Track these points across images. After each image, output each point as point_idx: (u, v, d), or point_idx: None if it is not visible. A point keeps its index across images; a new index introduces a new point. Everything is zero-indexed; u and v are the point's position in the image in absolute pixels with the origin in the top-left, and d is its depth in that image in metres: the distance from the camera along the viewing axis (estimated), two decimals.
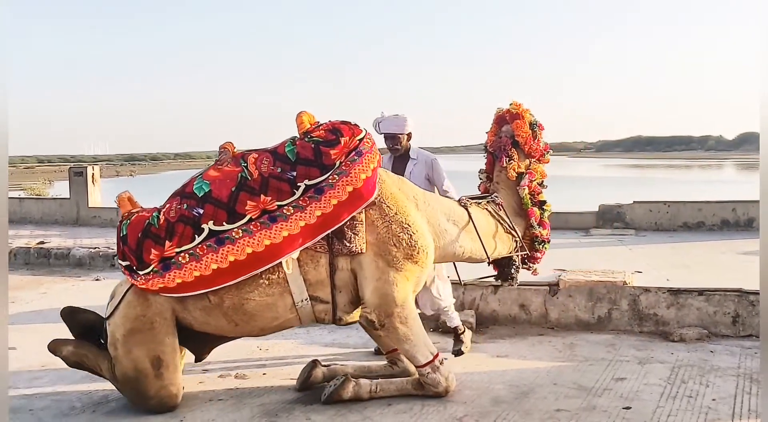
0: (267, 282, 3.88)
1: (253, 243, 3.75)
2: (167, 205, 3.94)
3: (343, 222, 3.90)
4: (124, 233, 3.94)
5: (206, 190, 3.86)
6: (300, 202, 3.81)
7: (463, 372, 4.51)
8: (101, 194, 12.97)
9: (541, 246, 4.77)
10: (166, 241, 3.80)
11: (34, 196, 17.38)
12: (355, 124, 4.10)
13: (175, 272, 3.77)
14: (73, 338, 4.15)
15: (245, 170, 3.88)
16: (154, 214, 3.92)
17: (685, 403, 4.00)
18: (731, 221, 9.55)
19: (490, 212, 4.61)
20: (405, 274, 4.01)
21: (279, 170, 3.85)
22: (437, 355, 4.10)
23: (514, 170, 4.65)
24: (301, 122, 4.07)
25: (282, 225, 3.78)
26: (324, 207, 3.81)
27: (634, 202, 10.14)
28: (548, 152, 4.74)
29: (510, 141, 4.69)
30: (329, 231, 3.89)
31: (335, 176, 3.85)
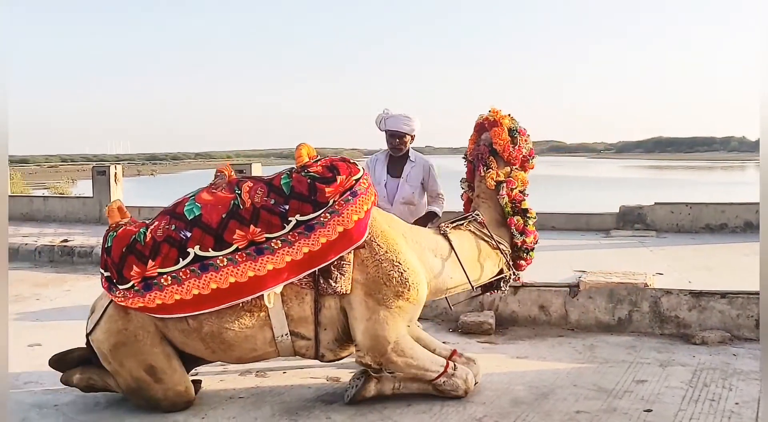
0: (248, 314, 3.85)
1: (236, 273, 3.72)
2: (156, 223, 3.90)
3: (330, 262, 3.85)
4: (109, 245, 3.91)
5: (196, 214, 3.81)
6: (289, 237, 3.75)
7: (483, 373, 4.51)
8: (123, 193, 13.10)
9: (524, 254, 4.52)
10: (150, 260, 3.77)
11: (58, 195, 17.60)
12: (353, 163, 4.04)
13: (156, 293, 3.75)
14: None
15: (238, 198, 3.83)
16: (141, 230, 3.89)
17: (707, 407, 3.97)
18: (755, 223, 9.43)
19: (473, 232, 4.44)
20: (396, 312, 3.93)
21: (272, 202, 3.80)
22: (448, 364, 4.09)
23: (492, 179, 4.45)
24: (299, 155, 3.99)
25: (268, 258, 3.73)
26: (312, 244, 3.75)
27: (655, 203, 10.05)
28: (532, 158, 4.55)
29: (488, 149, 4.51)
30: (315, 269, 3.84)
31: (327, 215, 3.77)
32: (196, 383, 4.21)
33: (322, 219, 3.77)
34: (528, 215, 4.47)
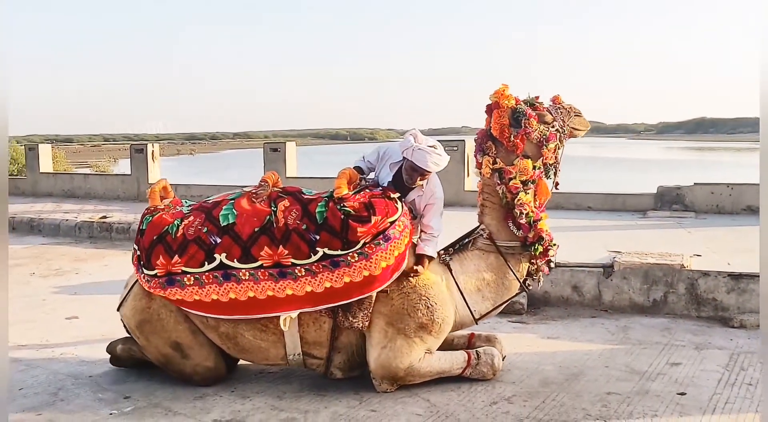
0: (263, 329, 3.88)
1: (256, 289, 3.74)
2: (191, 218, 3.92)
3: (350, 301, 3.81)
4: (144, 227, 4.00)
5: (230, 221, 3.82)
6: (313, 267, 3.71)
7: (513, 352, 4.47)
8: (161, 171, 13.29)
9: (536, 253, 4.09)
10: (176, 255, 3.82)
11: (98, 173, 17.94)
12: (393, 199, 3.85)
13: (177, 289, 3.82)
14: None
15: (273, 214, 3.81)
16: (175, 222, 3.92)
17: (744, 391, 3.88)
18: None
19: (481, 249, 4.13)
20: (416, 342, 3.86)
21: (304, 227, 3.74)
22: (470, 356, 4.04)
23: (488, 166, 4.06)
24: (339, 186, 3.83)
25: (289, 283, 3.72)
26: (335, 281, 3.70)
27: (694, 183, 9.79)
28: (550, 142, 3.98)
29: (486, 134, 4.13)
30: (334, 305, 3.82)
31: (355, 255, 3.68)
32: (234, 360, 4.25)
33: (349, 258, 3.69)
34: (523, 210, 4.01)
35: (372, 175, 4.34)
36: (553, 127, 4.01)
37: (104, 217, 10.39)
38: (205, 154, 75.96)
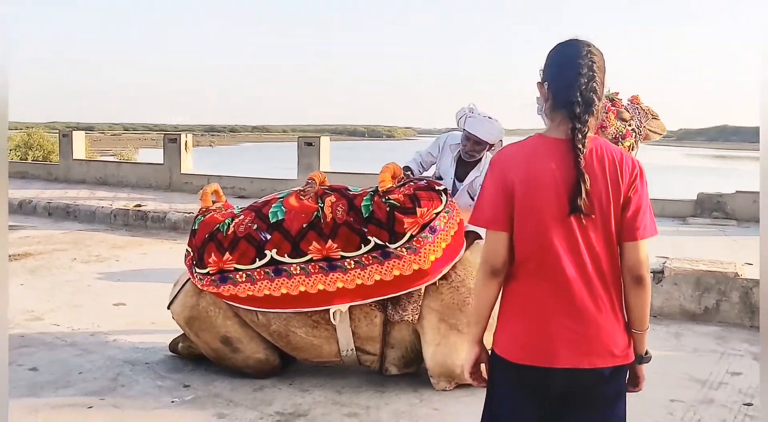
0: (315, 325, 3.86)
1: (307, 283, 3.73)
2: (241, 217, 3.96)
3: (401, 293, 3.78)
4: (195, 227, 4.05)
5: (280, 218, 3.84)
6: (363, 259, 3.70)
7: None
8: (193, 161, 13.33)
9: None
10: (227, 253, 3.84)
11: (131, 162, 18.04)
12: (438, 192, 3.83)
13: (230, 286, 3.84)
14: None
15: (321, 210, 3.82)
16: (226, 220, 3.97)
17: None
18: None
19: None
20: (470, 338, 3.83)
21: (351, 220, 3.76)
22: None
23: None
24: (383, 179, 3.87)
25: (339, 276, 3.71)
26: (384, 274, 3.68)
27: (736, 191, 9.66)
28: (624, 140, 4.02)
29: None
30: (383, 297, 3.79)
31: (404, 250, 3.66)
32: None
33: (399, 251, 3.67)
34: None
35: (431, 171, 4.32)
36: (629, 125, 3.98)
37: (138, 206, 10.43)
38: (225, 146, 76.34)
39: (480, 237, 4.09)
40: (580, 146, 1.83)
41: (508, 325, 1.95)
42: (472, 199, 4.14)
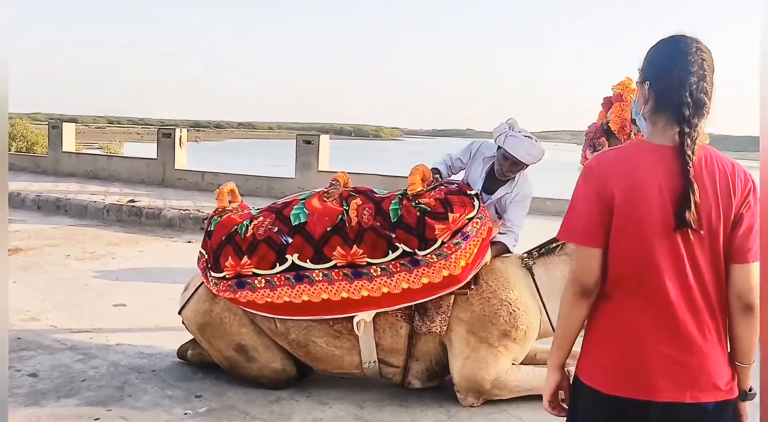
0: (337, 335, 3.64)
1: (330, 290, 3.51)
2: (260, 219, 3.72)
3: (427, 299, 3.57)
4: (211, 229, 3.79)
5: (302, 220, 3.61)
6: (390, 266, 3.48)
7: None
8: (187, 157, 13.06)
9: None
10: (245, 257, 3.60)
11: (122, 156, 17.68)
12: (471, 196, 3.66)
13: (247, 292, 3.60)
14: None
15: (346, 214, 3.60)
16: (244, 222, 3.72)
17: None
18: None
19: (571, 256, 3.82)
20: (501, 351, 3.61)
21: (378, 225, 3.54)
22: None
23: None
24: (412, 182, 3.64)
25: (364, 283, 3.49)
26: (412, 282, 3.48)
27: None
28: None
29: (602, 128, 3.90)
30: (411, 303, 3.57)
31: (434, 256, 3.46)
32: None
33: (428, 258, 3.47)
34: None
35: (460, 175, 4.14)
36: None
37: (132, 201, 10.16)
38: (210, 142, 75.69)
39: (507, 249, 3.90)
40: (689, 153, 1.64)
41: (597, 350, 1.76)
42: (499, 215, 3.96)
